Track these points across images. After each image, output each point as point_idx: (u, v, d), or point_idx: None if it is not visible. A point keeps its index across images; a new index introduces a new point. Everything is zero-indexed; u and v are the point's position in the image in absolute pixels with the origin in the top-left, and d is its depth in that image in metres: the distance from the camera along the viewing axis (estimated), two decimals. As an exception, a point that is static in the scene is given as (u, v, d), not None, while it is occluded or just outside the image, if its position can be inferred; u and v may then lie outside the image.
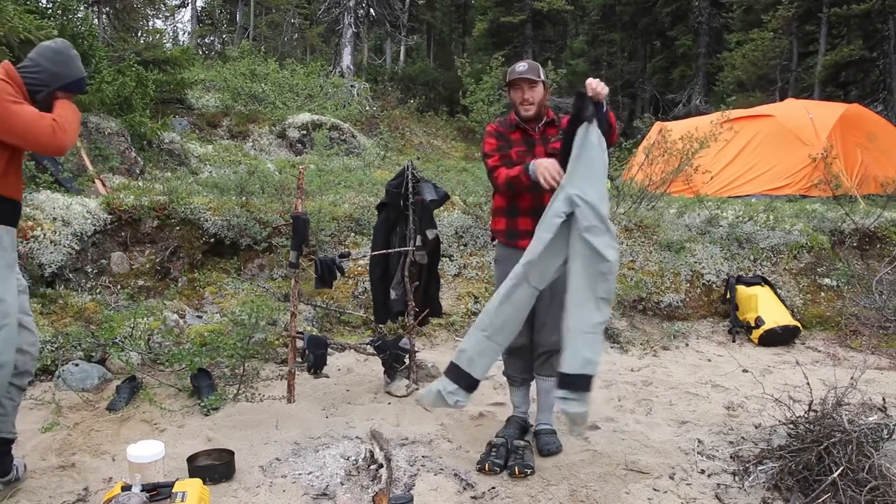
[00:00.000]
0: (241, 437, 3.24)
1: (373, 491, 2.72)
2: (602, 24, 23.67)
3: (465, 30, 28.37)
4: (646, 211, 6.68)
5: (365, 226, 5.81)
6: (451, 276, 5.63)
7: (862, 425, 2.66)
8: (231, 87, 12.90)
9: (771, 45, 16.41)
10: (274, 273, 5.39)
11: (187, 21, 24.75)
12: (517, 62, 3.26)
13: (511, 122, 3.21)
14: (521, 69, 3.13)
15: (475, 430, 3.44)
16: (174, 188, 5.56)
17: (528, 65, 3.18)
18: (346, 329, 5.09)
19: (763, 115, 9.74)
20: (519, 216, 3.14)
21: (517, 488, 2.80)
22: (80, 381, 3.75)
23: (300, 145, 11.29)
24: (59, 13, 6.97)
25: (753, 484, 2.80)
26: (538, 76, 3.11)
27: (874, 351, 5.08)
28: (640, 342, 5.22)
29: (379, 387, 4.05)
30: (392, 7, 22.20)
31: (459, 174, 8.53)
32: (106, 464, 2.96)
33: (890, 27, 14.66)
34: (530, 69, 3.14)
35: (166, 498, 2.35)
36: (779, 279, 5.89)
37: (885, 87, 15.12)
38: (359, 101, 15.50)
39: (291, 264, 3.66)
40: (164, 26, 24.19)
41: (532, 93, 3.10)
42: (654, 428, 3.51)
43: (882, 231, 6.34)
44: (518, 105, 3.14)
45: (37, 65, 2.66)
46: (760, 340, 5.27)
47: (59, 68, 2.70)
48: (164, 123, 8.51)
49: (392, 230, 4.07)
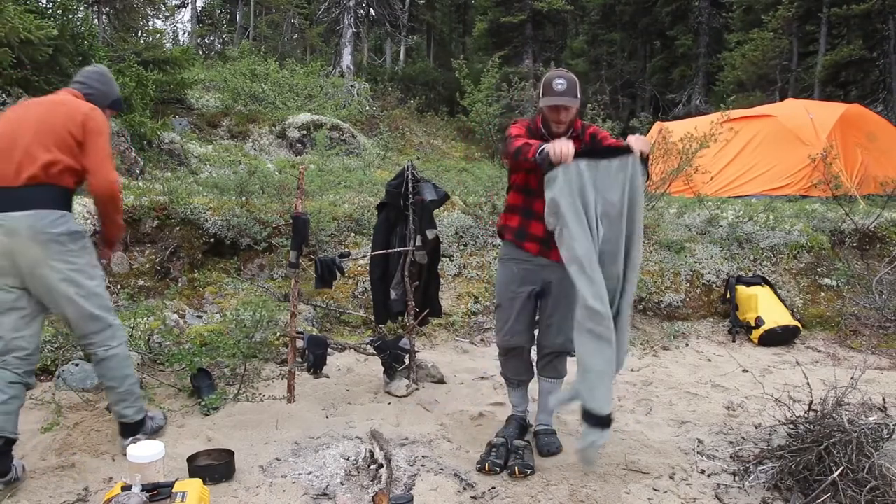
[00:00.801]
0: (241, 437, 3.24)
1: (373, 491, 2.72)
2: (602, 24, 23.66)
3: (465, 30, 28.36)
4: (646, 211, 6.68)
5: (365, 226, 5.82)
6: (451, 276, 5.63)
7: (862, 425, 2.66)
8: (231, 87, 12.90)
9: (771, 45, 16.40)
10: (274, 273, 5.39)
11: (187, 21, 24.77)
12: (556, 76, 2.93)
13: (537, 127, 3.05)
14: (560, 89, 2.88)
15: (475, 430, 3.43)
16: (174, 188, 5.56)
17: (566, 83, 2.90)
18: (346, 329, 5.09)
19: (763, 115, 9.74)
20: (533, 219, 3.03)
21: (517, 488, 2.80)
22: (80, 381, 3.74)
23: (300, 145, 11.29)
24: (59, 13, 6.97)
25: (753, 484, 2.80)
26: (576, 95, 2.91)
27: (874, 351, 5.08)
28: (640, 342, 5.22)
29: (379, 387, 4.05)
30: (392, 7, 22.18)
31: (459, 174, 8.54)
32: (106, 464, 2.96)
33: (890, 27, 14.66)
34: (569, 90, 2.89)
35: (166, 498, 2.35)
36: (779, 279, 5.89)
37: (885, 87, 15.12)
38: (359, 101, 15.50)
39: (291, 264, 3.66)
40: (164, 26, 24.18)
41: (568, 113, 2.94)
42: (654, 428, 3.51)
43: (882, 231, 6.34)
44: (550, 122, 2.98)
45: (90, 87, 2.95)
46: (760, 340, 5.27)
47: (106, 88, 3.02)
48: (164, 123, 8.51)
49: (392, 230, 4.07)
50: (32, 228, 2.62)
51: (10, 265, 2.66)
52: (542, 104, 2.94)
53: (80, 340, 2.93)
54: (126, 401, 2.96)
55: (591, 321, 2.65)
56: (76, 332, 2.88)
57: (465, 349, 5.00)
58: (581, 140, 2.99)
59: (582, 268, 2.67)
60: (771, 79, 17.00)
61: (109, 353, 2.88)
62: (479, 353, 4.90)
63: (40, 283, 2.69)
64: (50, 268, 2.67)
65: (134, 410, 2.99)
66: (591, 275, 2.67)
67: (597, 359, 2.67)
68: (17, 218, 2.61)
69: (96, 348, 2.87)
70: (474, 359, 4.76)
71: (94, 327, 2.83)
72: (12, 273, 2.68)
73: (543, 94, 2.94)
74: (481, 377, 4.33)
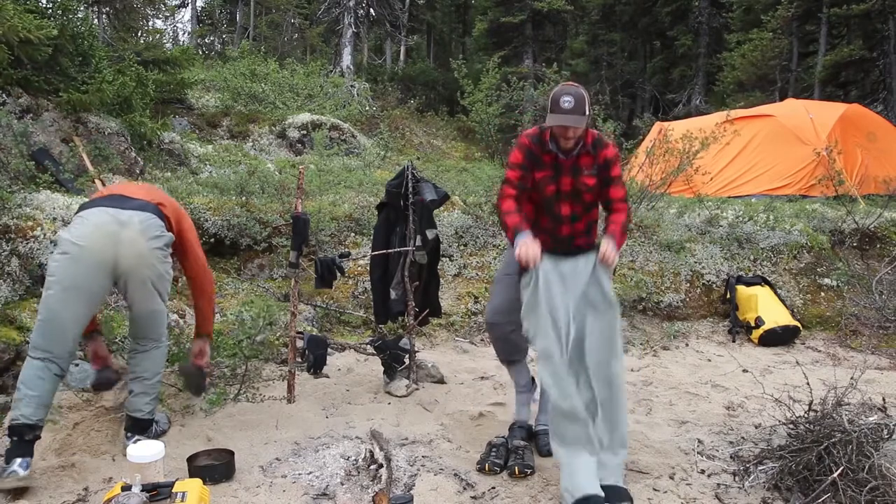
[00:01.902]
0: (241, 437, 3.24)
1: (373, 491, 2.72)
2: (602, 24, 23.63)
3: (465, 30, 28.35)
4: (646, 211, 6.68)
5: (365, 226, 5.81)
6: (451, 276, 5.63)
7: (862, 425, 2.66)
8: (231, 87, 12.89)
9: (771, 45, 16.39)
10: (274, 273, 5.39)
11: (187, 21, 24.75)
12: (563, 93, 2.81)
13: (545, 141, 2.95)
14: (567, 107, 2.77)
15: (475, 430, 3.43)
16: (174, 188, 5.56)
17: (573, 101, 2.78)
18: (346, 329, 5.09)
19: (763, 115, 9.74)
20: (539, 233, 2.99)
21: (517, 488, 2.80)
22: (80, 381, 3.73)
23: (300, 145, 11.28)
24: (59, 13, 6.95)
25: (753, 484, 2.80)
26: (584, 112, 2.80)
27: (874, 351, 5.08)
28: (640, 342, 5.22)
29: (379, 387, 4.05)
30: (392, 7, 22.18)
31: (459, 174, 8.54)
32: (106, 464, 2.96)
33: (890, 27, 14.65)
34: (576, 108, 2.78)
35: (166, 498, 2.35)
36: (779, 279, 5.89)
37: (885, 87, 15.11)
38: (359, 101, 15.50)
39: (291, 264, 3.66)
40: (164, 26, 24.24)
41: (576, 130, 2.85)
42: (654, 428, 3.51)
43: (882, 231, 6.34)
44: (558, 136, 2.90)
45: None
46: (760, 340, 5.28)
47: None
48: (164, 123, 8.49)
49: (392, 230, 4.07)
50: (143, 224, 2.90)
51: (112, 257, 2.83)
52: (549, 122, 2.86)
53: (141, 331, 3.08)
54: (148, 395, 3.08)
55: (561, 422, 2.71)
56: (141, 322, 3.05)
57: (465, 349, 5.00)
58: (592, 155, 2.94)
59: (547, 361, 2.77)
60: (771, 79, 16.99)
61: (160, 346, 3.12)
62: (479, 353, 4.90)
63: (136, 276, 2.90)
64: (149, 266, 2.92)
65: (150, 408, 3.10)
66: (558, 370, 2.76)
67: (574, 459, 2.67)
68: (133, 213, 2.90)
69: (149, 341, 3.08)
70: (474, 359, 4.76)
71: (158, 321, 3.08)
72: (110, 267, 2.85)
73: (551, 109, 2.84)
74: (481, 377, 4.33)
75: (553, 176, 2.96)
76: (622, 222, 2.98)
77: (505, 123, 14.72)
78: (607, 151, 2.97)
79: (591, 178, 2.96)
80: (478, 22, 22.40)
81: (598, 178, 2.98)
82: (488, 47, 21.16)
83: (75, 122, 6.46)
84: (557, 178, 2.95)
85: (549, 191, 2.98)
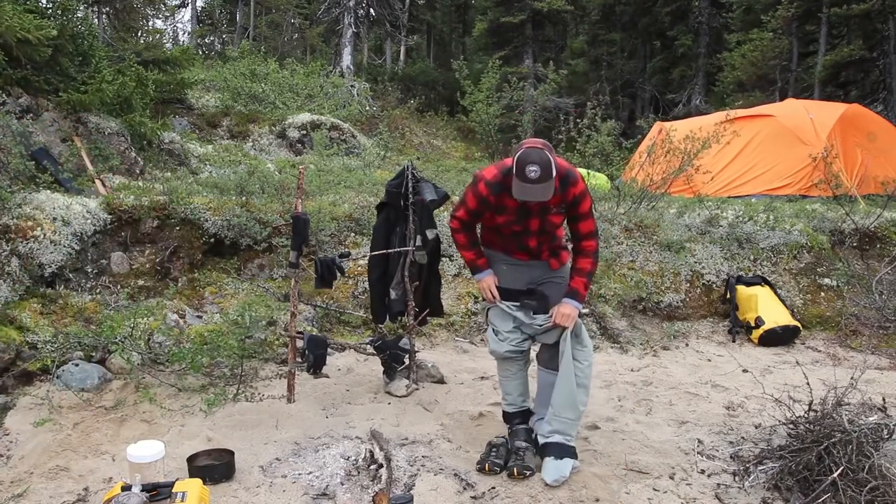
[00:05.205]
0: (241, 437, 3.24)
1: (373, 491, 2.72)
2: (602, 24, 23.63)
3: (465, 30, 28.35)
4: (646, 211, 6.68)
5: (365, 226, 5.81)
6: (451, 276, 5.63)
7: (862, 425, 2.66)
8: (231, 87, 12.89)
9: (771, 45, 16.40)
10: (274, 273, 5.39)
11: (187, 21, 24.76)
12: (529, 161, 2.66)
13: (508, 188, 2.82)
14: (533, 177, 2.64)
15: (475, 430, 3.44)
16: (174, 188, 5.55)
17: (539, 170, 2.64)
18: (346, 329, 5.09)
19: (763, 115, 9.74)
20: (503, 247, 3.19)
21: (517, 488, 2.80)
22: (80, 381, 3.74)
23: (300, 145, 11.29)
24: (59, 13, 6.95)
25: (753, 484, 2.80)
26: (551, 178, 2.68)
27: (874, 351, 5.08)
28: (640, 342, 5.22)
29: (379, 387, 4.05)
30: (392, 7, 22.19)
31: (459, 174, 8.55)
32: (106, 464, 2.96)
33: (890, 27, 14.65)
34: (543, 177, 2.65)
35: (166, 498, 2.36)
36: (779, 279, 5.89)
37: (885, 87, 15.11)
38: (359, 101, 15.50)
39: (291, 264, 3.65)
40: (164, 26, 24.26)
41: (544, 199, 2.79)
42: (654, 428, 3.51)
43: (882, 231, 6.34)
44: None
45: None
46: (760, 340, 5.27)
47: None
48: (164, 123, 8.49)
49: (392, 230, 4.07)
50: None
51: None
52: (515, 192, 2.74)
53: None
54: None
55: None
56: None
57: (465, 349, 5.00)
58: (560, 195, 2.85)
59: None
60: (771, 79, 17.00)
61: None
62: (479, 353, 4.90)
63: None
64: None
65: None
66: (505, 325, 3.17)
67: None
68: None
69: None
70: (474, 359, 4.76)
71: None
72: None
73: (516, 174, 2.70)
74: (481, 377, 4.33)
75: (518, 219, 2.97)
76: (588, 272, 3.01)
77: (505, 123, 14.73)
78: (575, 189, 2.89)
79: (559, 217, 2.98)
80: (478, 22, 22.42)
81: (567, 216, 3.00)
82: (488, 47, 21.17)
83: (75, 122, 6.46)
84: (525, 220, 2.96)
85: (515, 230, 3.02)
